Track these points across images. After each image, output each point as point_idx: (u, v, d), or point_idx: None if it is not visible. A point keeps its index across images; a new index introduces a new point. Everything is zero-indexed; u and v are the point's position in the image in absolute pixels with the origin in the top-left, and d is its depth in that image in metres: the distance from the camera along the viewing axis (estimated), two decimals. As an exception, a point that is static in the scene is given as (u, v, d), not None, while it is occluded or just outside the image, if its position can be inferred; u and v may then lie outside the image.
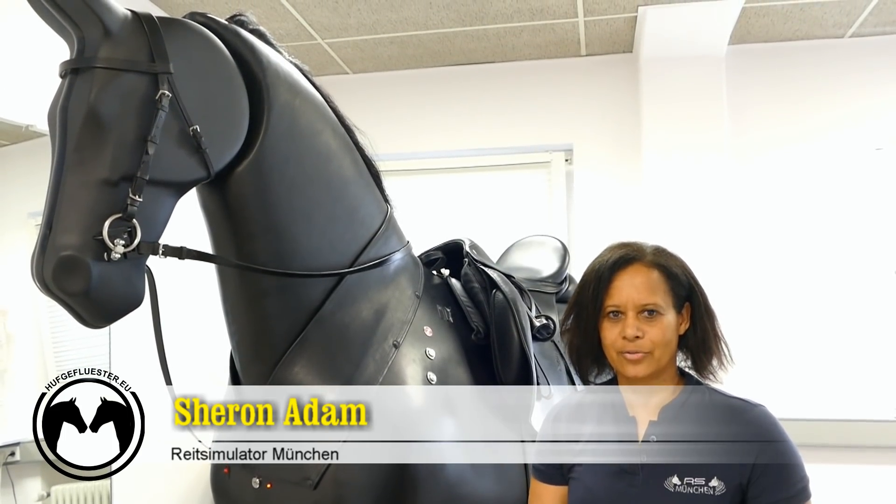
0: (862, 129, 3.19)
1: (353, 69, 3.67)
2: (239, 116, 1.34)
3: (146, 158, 1.18)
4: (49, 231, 1.13)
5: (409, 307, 1.59)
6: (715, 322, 1.32)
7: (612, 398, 1.34)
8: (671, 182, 3.13)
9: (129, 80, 1.19)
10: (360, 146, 1.61)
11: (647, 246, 1.33)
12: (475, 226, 3.35)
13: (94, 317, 1.17)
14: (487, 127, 3.54)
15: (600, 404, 1.35)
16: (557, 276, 2.22)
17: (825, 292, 3.13)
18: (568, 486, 1.33)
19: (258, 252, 1.39)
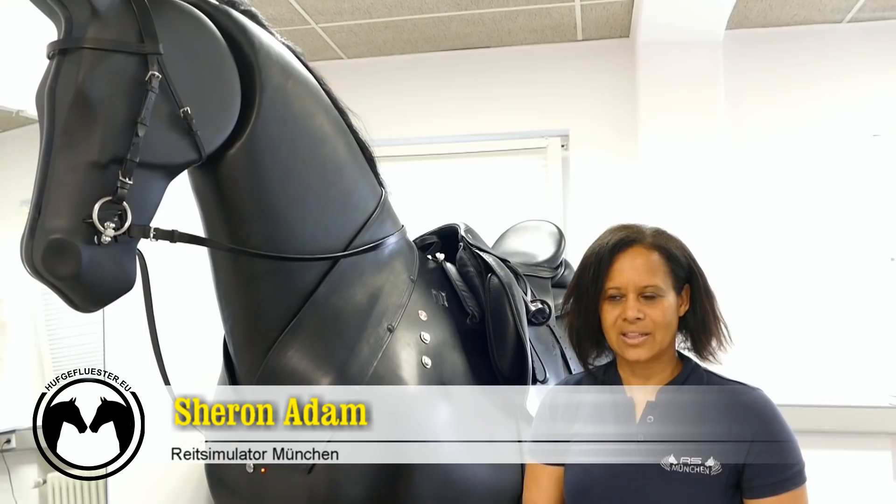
0: (859, 114, 3.19)
1: (347, 54, 3.64)
2: (230, 98, 1.32)
3: (136, 141, 1.16)
4: (38, 214, 1.12)
5: (403, 291, 1.58)
6: (714, 303, 1.32)
7: (610, 380, 1.34)
8: (668, 167, 3.12)
9: (118, 60, 1.17)
10: (353, 129, 1.60)
11: (646, 228, 1.33)
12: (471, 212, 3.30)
13: (84, 301, 1.16)
14: (483, 112, 3.53)
15: (598, 385, 1.35)
16: (553, 261, 2.21)
17: (821, 278, 3.13)
18: (564, 467, 1.33)
19: (251, 236, 1.38)
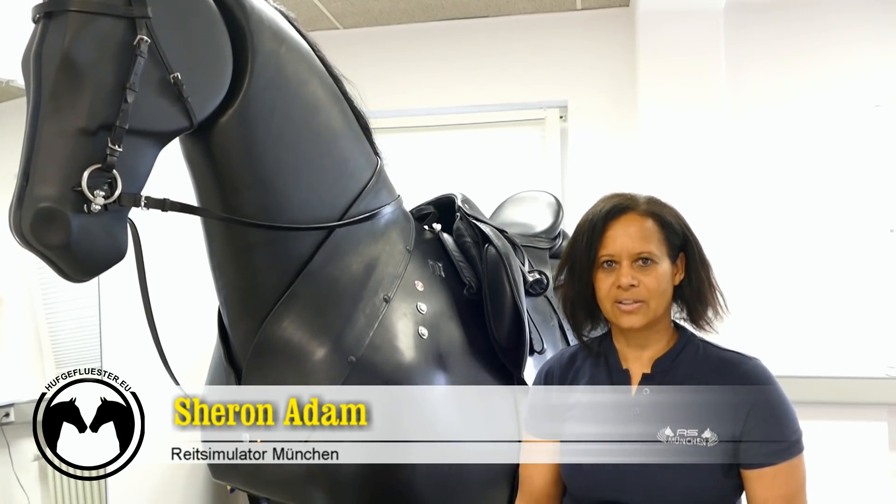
0: (861, 85, 3.15)
1: (343, 24, 3.60)
2: (222, 64, 1.30)
3: (125, 107, 1.14)
4: (26, 183, 1.10)
5: (399, 261, 1.57)
6: (710, 272, 1.30)
7: (605, 351, 1.33)
8: (667, 138, 3.09)
9: (105, 24, 1.14)
10: (348, 97, 1.58)
11: (640, 196, 1.31)
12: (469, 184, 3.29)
13: (75, 270, 1.14)
14: (481, 83, 3.50)
15: (594, 357, 1.34)
16: (551, 232, 2.20)
17: (820, 249, 3.12)
18: (561, 439, 1.32)
19: (244, 205, 1.36)
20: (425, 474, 1.44)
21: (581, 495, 1.29)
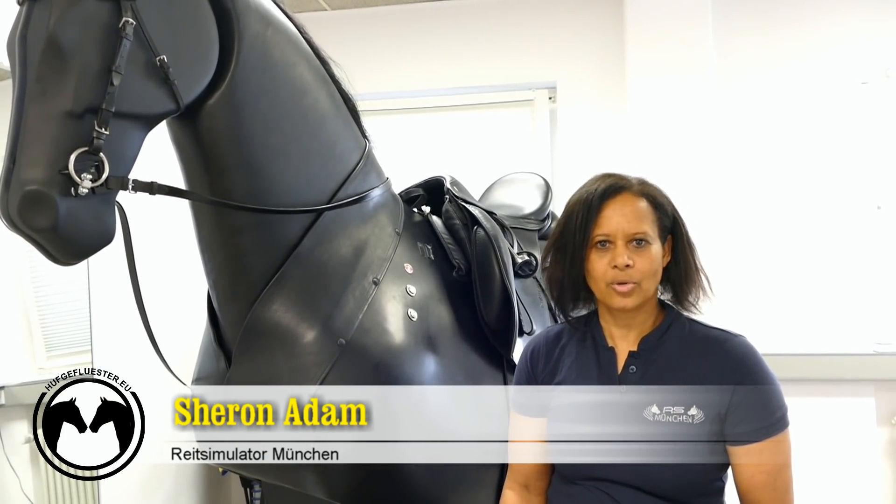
0: (850, 53, 3.11)
1: (331, 6, 3.57)
2: (208, 46, 1.30)
3: (111, 90, 1.14)
4: (13, 165, 1.09)
5: (388, 244, 1.57)
6: (696, 254, 1.31)
7: (592, 330, 1.34)
8: (655, 107, 3.05)
9: (90, 6, 1.13)
10: (336, 80, 1.57)
11: (631, 177, 1.31)
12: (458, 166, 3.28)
13: (63, 254, 1.14)
14: (469, 65, 3.47)
15: (580, 336, 1.35)
16: (540, 213, 2.20)
17: (807, 225, 3.11)
18: (547, 417, 1.33)
19: (232, 188, 1.36)
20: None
21: (568, 473, 1.30)
